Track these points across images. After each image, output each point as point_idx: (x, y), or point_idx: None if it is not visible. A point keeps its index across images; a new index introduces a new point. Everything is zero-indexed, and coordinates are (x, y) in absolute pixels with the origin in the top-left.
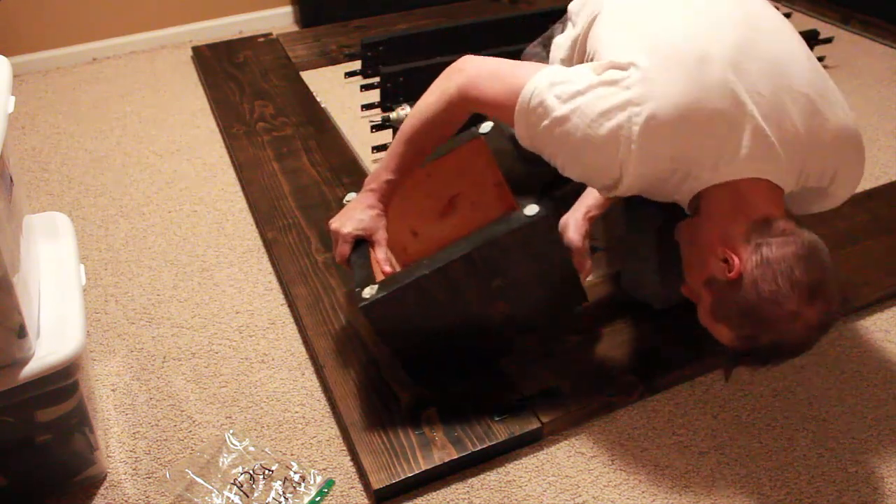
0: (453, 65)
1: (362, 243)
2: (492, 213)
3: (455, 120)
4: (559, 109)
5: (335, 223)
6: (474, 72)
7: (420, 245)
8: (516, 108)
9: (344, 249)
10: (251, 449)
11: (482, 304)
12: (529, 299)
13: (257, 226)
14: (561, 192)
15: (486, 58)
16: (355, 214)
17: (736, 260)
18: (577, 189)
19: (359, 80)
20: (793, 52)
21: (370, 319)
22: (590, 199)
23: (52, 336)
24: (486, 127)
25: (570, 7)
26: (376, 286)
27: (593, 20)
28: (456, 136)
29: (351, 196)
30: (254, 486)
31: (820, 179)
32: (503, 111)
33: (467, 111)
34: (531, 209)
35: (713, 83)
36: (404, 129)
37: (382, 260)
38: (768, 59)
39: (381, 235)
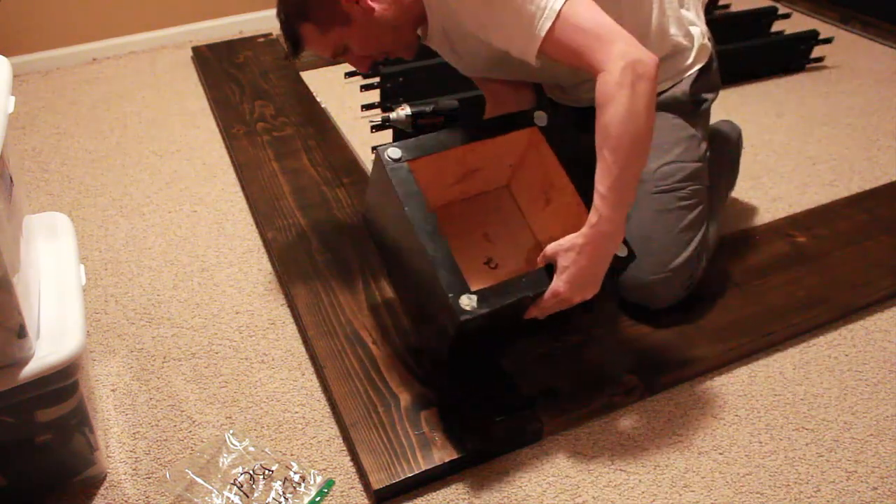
0: None
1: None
2: (492, 198)
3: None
4: None
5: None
6: None
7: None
8: None
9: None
10: (251, 449)
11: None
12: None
13: (257, 226)
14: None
15: None
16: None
17: None
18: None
19: (359, 80)
20: None
21: (462, 331)
22: None
23: (52, 336)
24: (541, 118)
25: None
26: (475, 297)
27: None
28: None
29: None
30: (254, 486)
31: None
32: None
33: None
34: (622, 250)
35: None
36: None
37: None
38: None
39: None
